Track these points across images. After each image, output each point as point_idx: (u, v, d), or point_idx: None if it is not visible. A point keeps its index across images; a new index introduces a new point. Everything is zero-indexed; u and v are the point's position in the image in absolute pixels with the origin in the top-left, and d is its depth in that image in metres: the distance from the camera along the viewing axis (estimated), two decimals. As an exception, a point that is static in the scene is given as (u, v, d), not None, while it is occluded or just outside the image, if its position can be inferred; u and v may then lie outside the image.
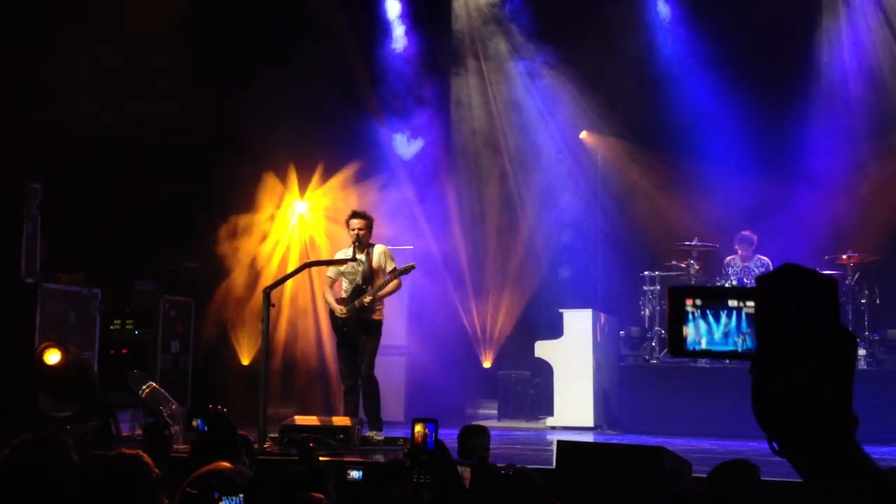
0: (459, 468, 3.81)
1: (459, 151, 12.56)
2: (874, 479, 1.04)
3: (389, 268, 8.38)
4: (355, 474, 3.95)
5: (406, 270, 8.37)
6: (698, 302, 1.16)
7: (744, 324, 1.13)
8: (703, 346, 1.16)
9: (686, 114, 11.78)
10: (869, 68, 11.54)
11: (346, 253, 8.43)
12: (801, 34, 11.75)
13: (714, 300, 1.16)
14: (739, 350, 1.14)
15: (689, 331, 1.16)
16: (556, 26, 12.27)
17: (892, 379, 9.57)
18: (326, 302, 8.63)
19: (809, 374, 1.05)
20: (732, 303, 1.15)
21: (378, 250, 8.40)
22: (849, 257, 10.17)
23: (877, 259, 10.34)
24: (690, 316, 1.16)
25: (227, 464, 2.72)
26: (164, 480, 3.48)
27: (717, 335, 1.15)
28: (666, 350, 8.24)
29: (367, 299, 8.23)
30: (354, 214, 8.46)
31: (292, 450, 4.08)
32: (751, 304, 1.12)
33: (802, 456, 1.06)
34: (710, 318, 1.15)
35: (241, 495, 2.16)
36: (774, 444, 1.08)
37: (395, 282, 8.38)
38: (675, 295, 1.17)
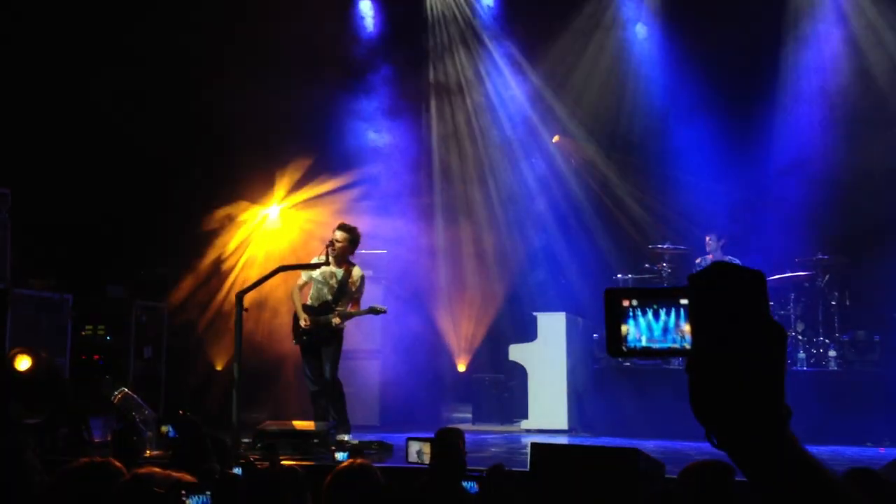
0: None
1: (432, 155, 12.54)
2: (807, 471, 1.07)
3: (359, 293, 8.53)
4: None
5: (376, 312, 8.49)
6: (634, 302, 1.18)
7: (682, 321, 1.15)
8: (643, 343, 1.17)
9: (659, 116, 11.85)
10: (840, 68, 11.56)
11: (321, 258, 8.46)
12: (773, 34, 11.78)
13: (650, 299, 1.18)
14: (679, 347, 1.16)
15: (628, 329, 1.18)
16: (529, 28, 12.32)
17: (861, 380, 9.61)
18: (293, 304, 8.67)
19: (740, 369, 1.08)
20: (669, 301, 1.16)
21: (356, 273, 8.55)
22: (819, 259, 10.25)
23: (847, 261, 10.41)
24: (630, 314, 1.18)
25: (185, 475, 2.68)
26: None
27: (657, 332, 1.17)
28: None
29: (336, 321, 8.38)
30: (341, 227, 8.54)
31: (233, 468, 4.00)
32: (685, 301, 1.14)
33: (738, 449, 1.09)
34: (650, 316, 1.17)
35: (209, 493, 2.14)
36: (713, 439, 1.10)
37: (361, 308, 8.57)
38: (612, 296, 1.19)
